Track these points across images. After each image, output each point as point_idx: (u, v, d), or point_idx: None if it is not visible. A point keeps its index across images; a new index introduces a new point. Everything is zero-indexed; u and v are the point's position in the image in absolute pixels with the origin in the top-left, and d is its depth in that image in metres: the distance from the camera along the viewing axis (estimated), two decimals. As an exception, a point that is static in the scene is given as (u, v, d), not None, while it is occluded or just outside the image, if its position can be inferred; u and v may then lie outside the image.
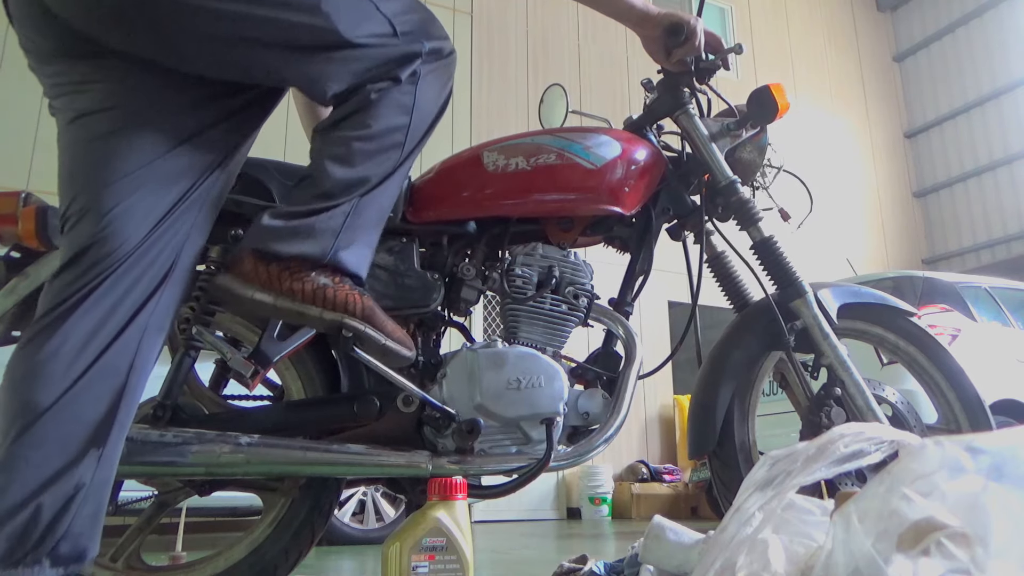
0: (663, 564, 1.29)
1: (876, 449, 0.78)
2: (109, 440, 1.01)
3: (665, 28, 1.55)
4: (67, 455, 0.96)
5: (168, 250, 1.08)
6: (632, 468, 7.48)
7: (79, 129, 1.10)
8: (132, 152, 1.07)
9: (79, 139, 1.10)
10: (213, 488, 1.46)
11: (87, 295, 1.01)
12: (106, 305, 1.01)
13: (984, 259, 10.20)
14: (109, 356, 1.01)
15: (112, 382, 1.01)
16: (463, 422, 1.37)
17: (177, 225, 1.10)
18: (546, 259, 1.51)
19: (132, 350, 1.03)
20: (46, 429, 0.95)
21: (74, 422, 0.98)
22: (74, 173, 1.09)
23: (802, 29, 10.76)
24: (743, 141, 1.70)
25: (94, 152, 1.08)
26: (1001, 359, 4.39)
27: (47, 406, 0.96)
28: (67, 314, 1.00)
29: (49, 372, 0.97)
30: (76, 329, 0.99)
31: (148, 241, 1.06)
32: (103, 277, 1.02)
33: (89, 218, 1.05)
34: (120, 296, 1.03)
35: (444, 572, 1.07)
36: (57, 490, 0.94)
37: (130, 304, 1.04)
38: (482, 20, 8.40)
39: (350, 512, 4.35)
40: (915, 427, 1.63)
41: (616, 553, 2.30)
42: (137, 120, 1.09)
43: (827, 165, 10.05)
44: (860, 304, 1.68)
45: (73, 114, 1.11)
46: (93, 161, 1.08)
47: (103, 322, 1.01)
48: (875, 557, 0.65)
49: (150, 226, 1.06)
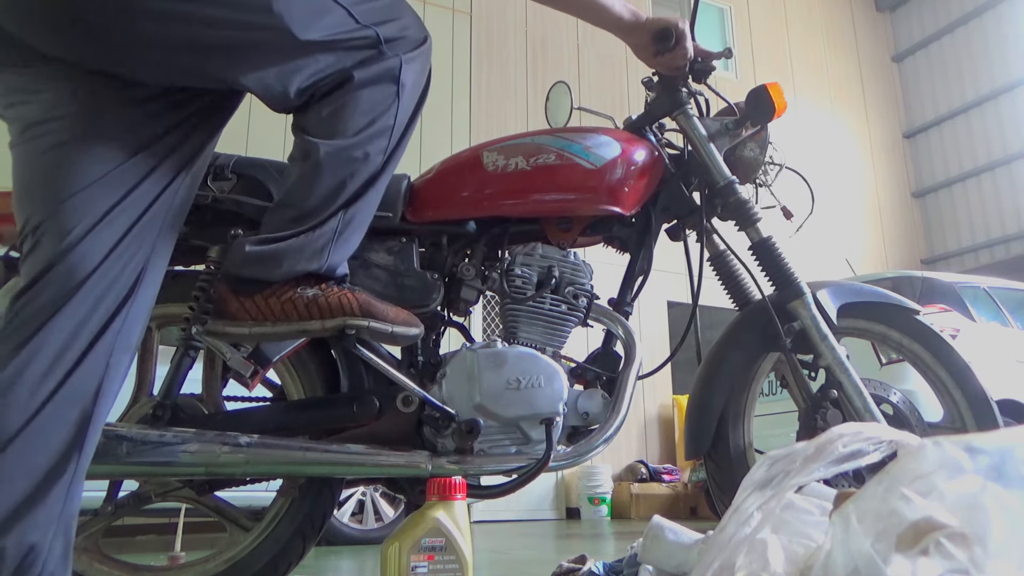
0: (662, 564, 1.29)
1: (875, 449, 0.78)
2: (77, 471, 0.94)
3: (653, 34, 1.55)
4: (30, 488, 0.88)
5: (133, 263, 1.02)
6: (631, 468, 7.48)
7: (29, 141, 1.04)
8: (87, 164, 1.01)
9: (30, 152, 1.04)
10: (213, 488, 1.46)
11: (51, 316, 0.94)
12: (70, 326, 0.95)
13: (983, 259, 10.20)
14: (75, 380, 0.94)
15: (78, 408, 0.94)
16: (463, 422, 1.37)
17: (141, 237, 1.03)
18: (546, 259, 1.51)
19: (99, 373, 0.97)
20: (9, 462, 0.88)
21: (39, 453, 0.90)
22: (29, 189, 1.03)
23: (801, 29, 10.77)
24: (743, 140, 1.70)
25: (47, 166, 1.02)
26: (1000, 359, 4.39)
27: (10, 436, 0.88)
28: (31, 336, 0.93)
29: (12, 399, 0.90)
30: (40, 351, 0.93)
31: (111, 256, 1.00)
32: (66, 297, 0.95)
33: (48, 237, 0.99)
34: (85, 315, 0.96)
35: (443, 572, 1.07)
36: (25, 527, 0.87)
37: (95, 323, 0.97)
38: (481, 20, 8.40)
39: (349, 512, 4.35)
40: (916, 427, 1.63)
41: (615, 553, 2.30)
42: (89, 129, 1.03)
43: (826, 165, 10.05)
44: (863, 302, 1.67)
45: (22, 125, 1.05)
46: (47, 176, 1.01)
47: (68, 344, 0.94)
48: (874, 557, 0.65)
49: (113, 241, 1.00)
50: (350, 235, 1.22)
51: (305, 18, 1.08)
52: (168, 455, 1.30)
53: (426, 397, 1.39)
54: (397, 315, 1.27)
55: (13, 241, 1.41)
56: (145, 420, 1.36)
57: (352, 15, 1.13)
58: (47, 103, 1.03)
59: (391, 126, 1.20)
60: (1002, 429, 0.83)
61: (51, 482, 0.90)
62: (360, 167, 1.18)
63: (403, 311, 1.29)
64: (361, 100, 1.17)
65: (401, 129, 1.22)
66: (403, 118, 1.22)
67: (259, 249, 1.16)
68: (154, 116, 1.07)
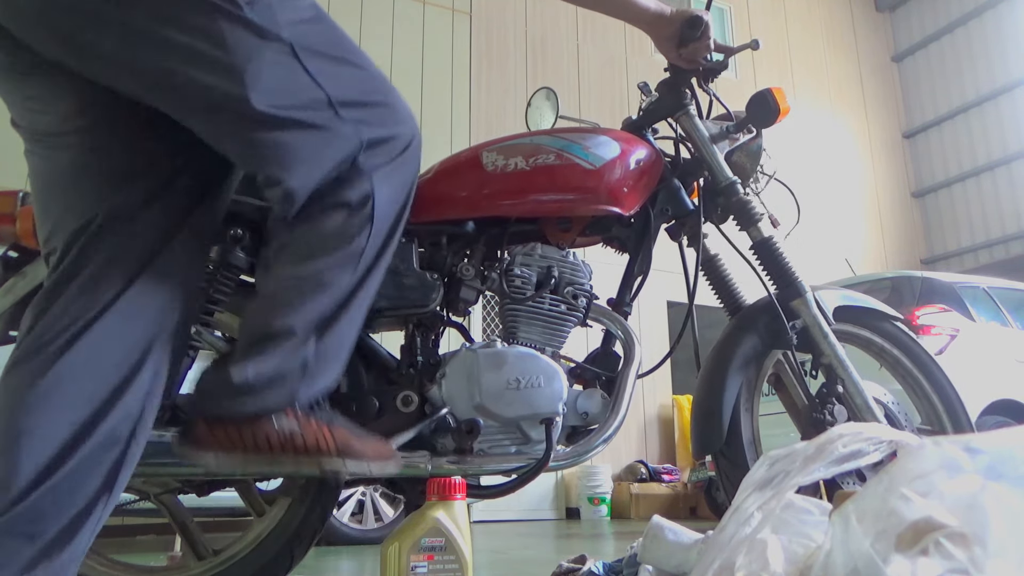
0: (662, 564, 1.29)
1: (875, 449, 0.78)
2: (104, 514, 0.92)
3: (683, 22, 1.55)
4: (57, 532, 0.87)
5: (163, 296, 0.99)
6: (631, 468, 7.48)
7: (45, 152, 1.03)
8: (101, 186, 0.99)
9: (47, 163, 1.03)
10: (212, 488, 1.46)
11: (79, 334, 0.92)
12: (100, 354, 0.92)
13: (982, 259, 10.20)
14: (110, 422, 0.91)
15: (112, 453, 0.92)
16: (462, 422, 1.37)
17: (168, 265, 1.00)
18: (545, 259, 1.51)
19: (135, 414, 0.94)
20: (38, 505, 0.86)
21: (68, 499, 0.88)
22: (48, 204, 1.02)
23: (801, 29, 10.77)
24: (739, 145, 1.71)
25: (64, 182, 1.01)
26: (1000, 359, 4.39)
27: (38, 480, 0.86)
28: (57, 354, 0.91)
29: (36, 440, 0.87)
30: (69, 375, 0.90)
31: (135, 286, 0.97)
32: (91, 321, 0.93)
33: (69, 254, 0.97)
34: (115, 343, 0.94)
35: (443, 572, 1.07)
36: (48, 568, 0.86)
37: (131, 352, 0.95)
38: (481, 20, 8.40)
39: (349, 512, 4.35)
40: (907, 428, 1.65)
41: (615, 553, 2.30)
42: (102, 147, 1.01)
43: (826, 165, 10.05)
44: (850, 307, 1.70)
45: (38, 135, 1.04)
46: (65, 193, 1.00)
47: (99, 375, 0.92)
48: (874, 557, 0.65)
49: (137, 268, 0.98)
50: (326, 369, 1.12)
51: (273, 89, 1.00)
52: (168, 455, 1.29)
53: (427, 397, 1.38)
54: (372, 449, 1.18)
55: (10, 240, 1.41)
56: (144, 420, 1.36)
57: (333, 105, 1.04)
58: (61, 115, 1.01)
59: (360, 251, 1.10)
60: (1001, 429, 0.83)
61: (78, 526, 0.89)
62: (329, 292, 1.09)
63: (380, 445, 1.22)
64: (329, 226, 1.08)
65: (373, 253, 1.13)
66: (376, 242, 1.12)
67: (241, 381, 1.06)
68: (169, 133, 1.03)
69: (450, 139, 7.44)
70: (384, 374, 1.46)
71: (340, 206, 1.08)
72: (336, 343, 1.12)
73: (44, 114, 1.03)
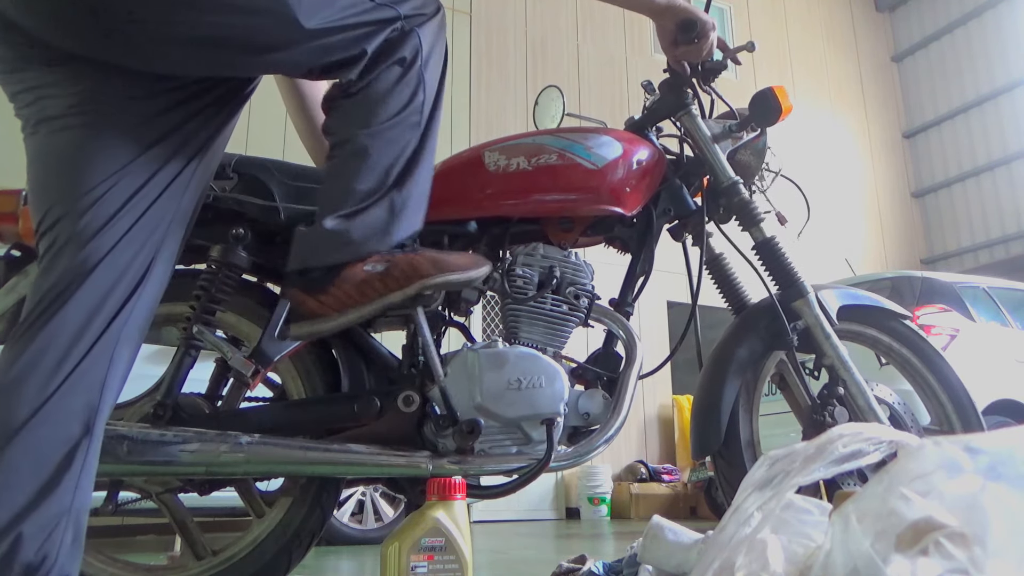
0: (662, 564, 1.29)
1: (875, 449, 0.79)
2: (86, 463, 0.95)
3: (678, 23, 1.54)
4: (42, 478, 0.90)
5: (142, 255, 1.05)
6: (631, 468, 7.48)
7: (47, 134, 1.07)
8: (103, 159, 1.04)
9: (47, 144, 1.07)
10: (213, 488, 1.46)
11: (65, 301, 0.97)
12: (82, 315, 0.97)
13: (982, 259, 10.20)
14: (81, 370, 0.96)
15: (84, 399, 0.96)
16: (463, 422, 1.37)
17: (150, 230, 1.06)
18: (547, 259, 1.51)
19: (105, 364, 0.99)
20: (17, 452, 0.89)
21: (47, 445, 0.92)
22: (47, 184, 1.06)
23: (801, 29, 10.77)
24: (743, 144, 1.71)
25: (64, 160, 1.05)
26: (1000, 359, 4.39)
27: (17, 427, 0.90)
28: (46, 321, 0.96)
29: (24, 390, 0.92)
30: (53, 341, 0.95)
31: (121, 246, 1.02)
32: (79, 282, 0.98)
33: (65, 230, 1.01)
34: (96, 305, 0.99)
35: (443, 572, 1.07)
36: (36, 520, 0.89)
37: (106, 314, 0.99)
38: (481, 20, 8.40)
39: (349, 512, 4.35)
40: (912, 428, 1.65)
41: (615, 553, 2.30)
42: (105, 125, 1.06)
43: (826, 165, 10.05)
44: (855, 306, 1.70)
45: (39, 121, 1.08)
46: (64, 170, 1.04)
47: (80, 333, 0.97)
48: (873, 557, 0.65)
49: (124, 229, 1.03)
50: (411, 213, 1.25)
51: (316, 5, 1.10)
52: (168, 454, 1.30)
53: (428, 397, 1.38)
54: (466, 261, 1.30)
55: (13, 239, 1.41)
56: (146, 419, 1.36)
57: None
58: (67, 98, 1.06)
59: (421, 102, 1.23)
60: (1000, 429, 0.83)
61: (60, 473, 0.92)
62: (399, 147, 1.22)
63: (467, 256, 1.33)
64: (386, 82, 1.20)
65: (431, 102, 1.26)
66: (431, 91, 1.25)
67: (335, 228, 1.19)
68: (167, 112, 1.09)
69: (450, 139, 7.43)
70: (385, 374, 1.46)
71: (395, 63, 1.20)
72: (415, 191, 1.25)
73: (53, 98, 1.07)
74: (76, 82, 1.06)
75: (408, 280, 1.22)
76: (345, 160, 1.22)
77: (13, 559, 0.87)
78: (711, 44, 1.56)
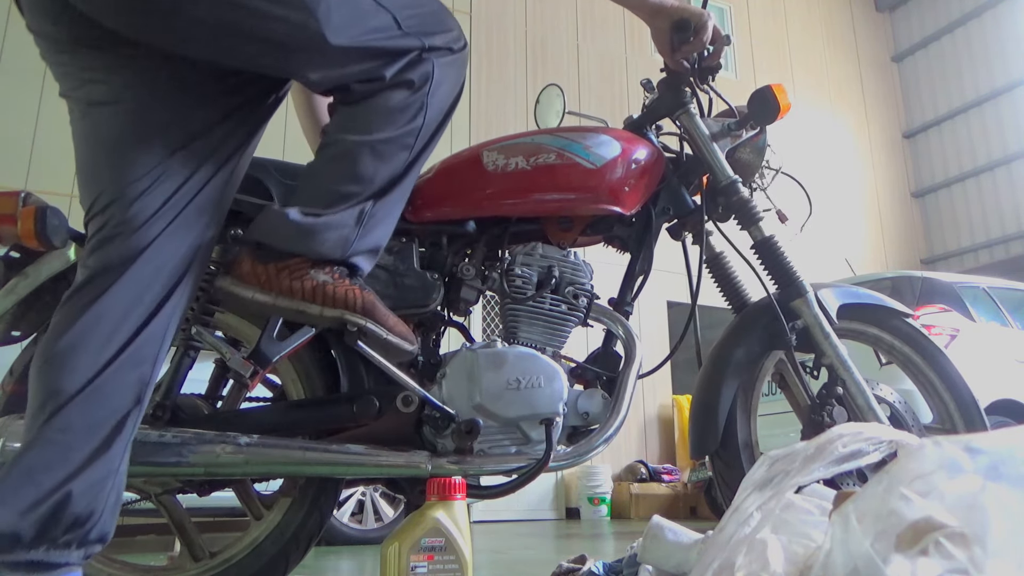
0: (662, 564, 1.29)
1: (875, 449, 0.79)
2: (134, 430, 1.04)
3: (672, 24, 1.54)
4: (95, 442, 0.98)
5: (189, 239, 1.11)
6: (631, 468, 7.48)
7: (95, 121, 1.13)
8: (150, 146, 1.10)
9: (96, 131, 1.13)
10: (212, 488, 1.46)
11: (116, 279, 1.03)
12: (133, 293, 1.04)
13: (982, 259, 10.20)
14: (138, 344, 1.03)
15: (138, 372, 1.03)
16: (462, 422, 1.37)
17: (194, 214, 1.12)
18: (546, 259, 1.51)
19: (159, 340, 1.06)
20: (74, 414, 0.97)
21: (102, 409, 0.99)
22: (97, 168, 1.12)
23: (801, 29, 10.77)
24: (743, 142, 1.70)
25: (114, 147, 1.11)
26: (999, 359, 4.39)
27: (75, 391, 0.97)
28: (97, 295, 1.02)
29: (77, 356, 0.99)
30: (105, 314, 1.02)
31: (168, 230, 1.09)
32: (128, 264, 1.05)
33: (114, 210, 1.08)
34: (146, 284, 1.06)
35: (443, 572, 1.07)
36: (88, 477, 0.96)
37: (156, 293, 1.06)
38: (481, 20, 8.40)
39: (349, 512, 4.35)
40: (913, 427, 1.64)
41: (615, 553, 2.30)
42: (150, 116, 1.11)
43: (826, 165, 10.05)
44: (857, 305, 1.69)
45: (87, 105, 1.13)
46: (113, 157, 1.10)
47: (130, 309, 1.03)
48: (873, 557, 0.65)
49: (170, 218, 1.09)
50: (373, 229, 1.25)
51: (345, 23, 1.14)
52: (168, 455, 1.30)
53: (427, 396, 1.39)
54: (396, 325, 1.29)
55: (12, 241, 1.41)
56: (145, 420, 1.36)
57: (398, 22, 1.19)
58: (117, 85, 1.11)
59: (419, 127, 1.24)
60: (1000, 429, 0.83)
61: (112, 438, 1.00)
62: (385, 164, 1.23)
63: (404, 325, 1.32)
64: (389, 99, 1.22)
65: (428, 134, 1.27)
66: (432, 120, 1.26)
67: (300, 220, 1.20)
68: (203, 109, 1.14)
69: (450, 139, 7.39)
70: (384, 374, 1.46)
71: (403, 84, 1.22)
72: (387, 211, 1.26)
73: (101, 83, 1.12)
74: (125, 68, 1.11)
75: (333, 304, 1.22)
76: (330, 159, 1.24)
77: (63, 511, 0.94)
78: (710, 34, 1.55)
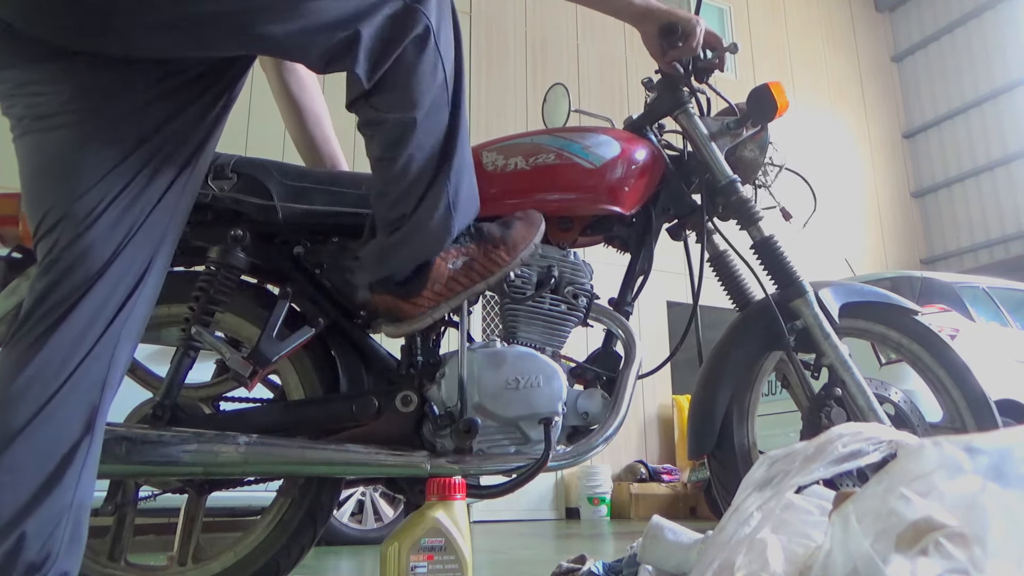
0: (661, 564, 1.29)
1: (875, 449, 0.78)
2: (87, 462, 0.96)
3: (660, 28, 1.54)
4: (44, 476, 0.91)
5: (142, 255, 1.04)
6: (631, 468, 7.48)
7: (38, 136, 1.04)
8: (97, 156, 1.02)
9: (41, 146, 1.04)
10: (212, 488, 1.46)
11: (70, 310, 0.97)
12: (85, 320, 0.98)
13: (982, 259, 10.21)
14: (83, 371, 0.96)
15: (87, 399, 0.97)
16: (461, 422, 1.37)
17: (150, 229, 1.05)
18: (545, 259, 1.51)
19: (105, 363, 0.99)
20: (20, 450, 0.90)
21: (49, 441, 0.93)
22: (43, 186, 1.04)
23: (800, 29, 10.77)
24: (744, 140, 1.70)
25: (58, 161, 1.03)
26: (999, 359, 4.39)
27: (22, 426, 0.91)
28: (52, 330, 0.96)
29: (29, 394, 0.93)
30: (59, 346, 0.95)
31: (123, 249, 1.02)
32: (83, 289, 0.98)
33: (63, 228, 1.00)
34: (99, 307, 0.99)
35: (443, 572, 1.07)
36: (41, 515, 0.90)
37: (107, 315, 1.00)
38: (481, 20, 8.40)
39: (349, 512, 4.35)
40: (918, 426, 1.63)
41: (615, 553, 2.30)
42: (98, 121, 1.03)
43: (825, 165, 10.06)
44: (862, 303, 1.67)
45: (29, 120, 1.05)
46: (60, 171, 1.02)
47: (82, 336, 0.97)
48: (873, 557, 0.65)
49: (124, 232, 1.02)
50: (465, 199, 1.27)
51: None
52: (168, 455, 1.30)
53: (427, 397, 1.38)
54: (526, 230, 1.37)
55: (14, 243, 1.41)
56: (145, 420, 1.36)
57: None
58: (56, 95, 1.03)
59: (443, 79, 1.20)
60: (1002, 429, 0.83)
61: (63, 470, 0.93)
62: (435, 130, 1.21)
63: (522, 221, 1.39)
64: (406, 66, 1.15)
65: (452, 77, 1.22)
66: (449, 66, 1.22)
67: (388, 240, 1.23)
68: (155, 106, 1.06)
69: (450, 139, 7.42)
70: (384, 374, 1.46)
71: (408, 43, 1.15)
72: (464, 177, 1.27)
73: (42, 96, 1.04)
74: (65, 78, 1.02)
75: (488, 271, 1.31)
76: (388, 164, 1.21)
77: (17, 557, 0.88)
78: (699, 40, 1.56)
